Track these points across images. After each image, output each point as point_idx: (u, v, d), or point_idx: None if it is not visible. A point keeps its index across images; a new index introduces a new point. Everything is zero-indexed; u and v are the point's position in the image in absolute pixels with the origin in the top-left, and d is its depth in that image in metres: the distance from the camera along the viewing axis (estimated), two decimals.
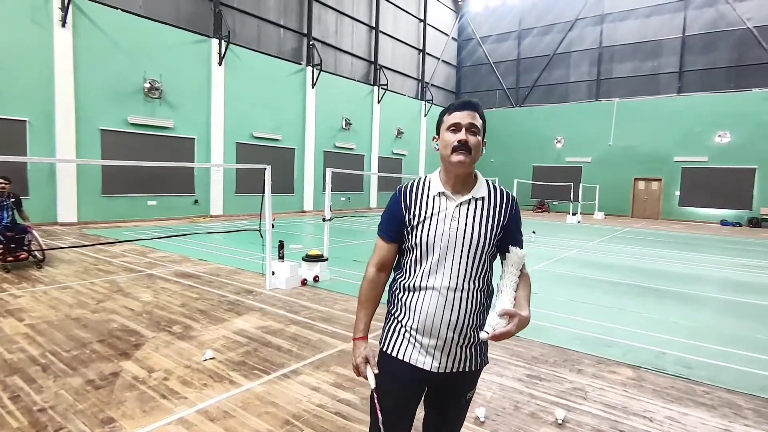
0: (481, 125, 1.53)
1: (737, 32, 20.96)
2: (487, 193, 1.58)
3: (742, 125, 20.50)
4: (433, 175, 1.61)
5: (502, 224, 1.56)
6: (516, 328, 1.41)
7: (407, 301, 1.58)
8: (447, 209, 1.53)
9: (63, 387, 3.15)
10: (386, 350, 1.63)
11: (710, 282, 7.77)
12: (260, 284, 6.37)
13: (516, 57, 27.77)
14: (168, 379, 3.33)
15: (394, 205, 1.61)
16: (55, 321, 4.56)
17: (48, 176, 11.93)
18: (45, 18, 11.63)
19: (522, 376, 3.60)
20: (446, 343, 1.53)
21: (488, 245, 1.53)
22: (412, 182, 1.62)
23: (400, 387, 1.60)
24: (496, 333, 1.40)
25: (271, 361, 3.72)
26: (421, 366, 1.55)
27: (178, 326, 4.52)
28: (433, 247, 1.51)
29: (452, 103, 1.56)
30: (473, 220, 1.53)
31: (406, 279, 1.59)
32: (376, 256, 1.66)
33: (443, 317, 1.51)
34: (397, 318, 1.61)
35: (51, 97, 11.80)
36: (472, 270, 1.53)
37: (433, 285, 1.52)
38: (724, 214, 21.18)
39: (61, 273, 6.73)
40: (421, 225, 1.53)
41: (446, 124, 1.54)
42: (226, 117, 16.02)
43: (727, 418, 3.05)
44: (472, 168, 1.56)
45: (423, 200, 1.56)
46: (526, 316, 1.44)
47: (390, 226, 1.62)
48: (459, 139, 1.49)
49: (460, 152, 1.48)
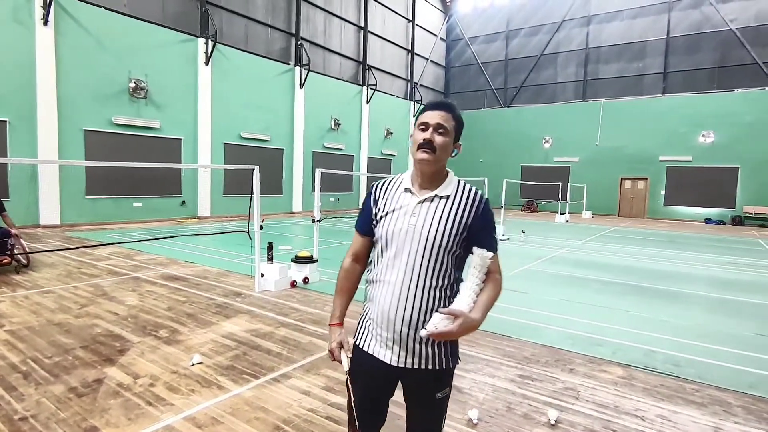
0: (453, 127, 1.54)
1: (721, 34, 21.34)
2: (453, 192, 1.57)
3: (726, 125, 20.87)
4: (407, 173, 1.65)
5: (466, 224, 1.53)
6: (459, 330, 1.37)
7: (371, 293, 1.63)
8: (409, 205, 1.56)
9: (44, 395, 3.05)
10: (357, 342, 1.68)
11: (697, 280, 7.86)
12: (249, 286, 6.29)
13: (504, 58, 27.94)
14: (154, 386, 3.25)
15: (367, 200, 1.68)
16: (37, 327, 4.43)
17: (30, 178, 11.66)
18: (26, 16, 11.38)
19: (514, 377, 3.59)
20: (401, 337, 1.53)
21: (447, 243, 1.51)
22: (385, 179, 1.68)
23: (368, 378, 1.64)
24: (434, 332, 1.37)
25: (260, 365, 3.66)
26: (381, 358, 1.58)
27: (165, 330, 4.43)
28: (392, 241, 1.55)
29: (428, 102, 1.59)
30: (432, 217, 1.53)
31: (372, 272, 1.64)
32: (352, 247, 1.74)
33: (396, 311, 1.52)
34: (366, 311, 1.66)
35: (32, 97, 11.54)
36: (427, 267, 1.52)
37: (389, 279, 1.55)
38: (708, 213, 21.54)
39: (43, 277, 6.57)
40: (384, 218, 1.58)
41: (418, 122, 1.57)
42: (214, 117, 15.84)
43: (717, 415, 3.07)
44: (441, 167, 1.57)
45: (391, 195, 1.61)
46: (473, 319, 1.41)
47: (363, 220, 1.68)
48: (424, 137, 1.51)
49: (423, 150, 1.51)
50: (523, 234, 13.15)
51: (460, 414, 2.96)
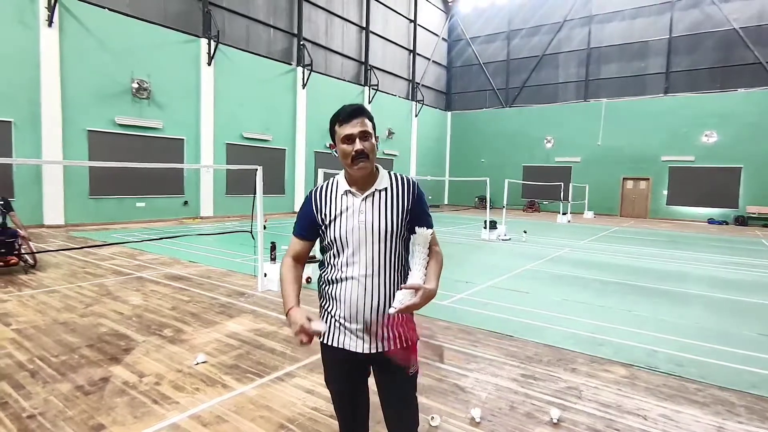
0: (371, 126, 1.64)
1: (723, 33, 21.29)
2: (389, 183, 1.69)
3: (728, 125, 20.83)
4: (340, 175, 1.73)
5: (408, 209, 1.67)
6: (421, 300, 1.53)
7: (332, 292, 1.70)
8: (354, 205, 1.65)
9: (52, 393, 3.08)
10: (323, 341, 1.74)
11: (699, 280, 7.86)
12: (252, 286, 6.32)
13: (505, 57, 27.93)
14: (159, 384, 3.28)
15: (307, 207, 1.75)
16: (43, 326, 4.47)
17: (34, 178, 11.72)
18: (31, 17, 11.44)
19: (517, 376, 3.60)
20: (371, 325, 1.64)
21: (397, 230, 1.66)
22: (321, 185, 1.76)
23: (342, 372, 1.76)
24: (401, 307, 1.51)
25: (264, 364, 3.68)
26: (353, 350, 1.67)
27: (169, 330, 4.46)
28: (347, 241, 1.64)
29: (339, 112, 1.63)
30: (379, 210, 1.65)
31: (330, 273, 1.71)
32: (291, 250, 1.80)
33: (365, 302, 1.63)
34: (327, 310, 1.73)
35: (37, 98, 11.60)
36: (385, 256, 1.65)
37: (352, 275, 1.64)
38: (711, 213, 21.50)
39: (49, 276, 6.61)
40: (333, 223, 1.66)
41: (339, 135, 1.62)
42: (216, 117, 15.89)
43: (720, 415, 3.08)
44: (373, 167, 1.67)
45: (332, 200, 1.69)
46: (431, 289, 1.56)
47: (303, 225, 1.76)
48: (356, 149, 1.59)
49: (359, 161, 1.60)
50: (525, 234, 13.15)
51: (463, 413, 2.98)
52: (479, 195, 27.34)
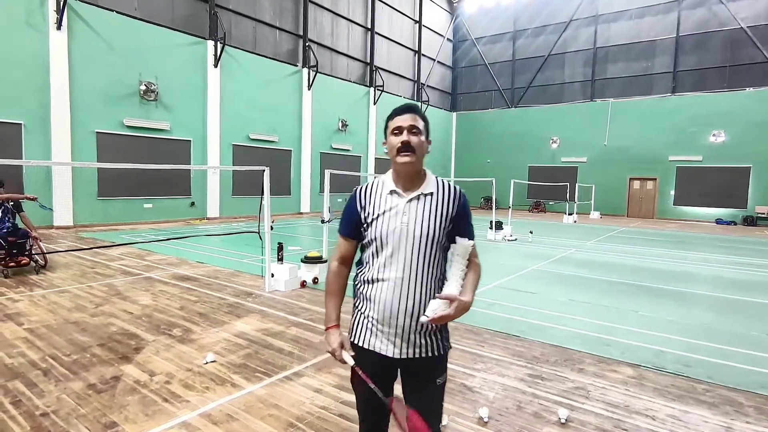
0: (423, 126, 1.64)
1: (730, 31, 21.12)
2: (435, 188, 1.68)
3: (737, 124, 20.65)
4: (386, 175, 1.73)
5: (451, 216, 1.66)
6: (456, 312, 1.51)
7: (367, 292, 1.69)
8: (398, 205, 1.64)
9: (64, 391, 3.13)
10: (353, 340, 1.75)
11: (706, 280, 7.82)
12: (259, 286, 6.36)
13: (511, 57, 27.85)
14: (170, 383, 3.32)
15: (351, 205, 1.74)
16: (55, 325, 4.53)
17: (44, 179, 11.85)
18: (40, 20, 11.58)
19: (524, 376, 3.61)
20: (404, 330, 1.63)
21: (438, 237, 1.64)
22: (367, 184, 1.75)
23: (369, 372, 1.70)
24: (435, 316, 1.50)
25: (272, 364, 3.72)
26: (384, 353, 1.66)
27: (178, 329, 4.50)
28: (387, 241, 1.62)
29: (394, 108, 1.67)
30: (422, 214, 1.63)
31: (366, 272, 1.70)
32: (338, 251, 1.80)
33: (399, 306, 1.62)
34: (361, 310, 1.73)
35: (46, 100, 11.73)
36: (423, 260, 1.63)
37: (388, 276, 1.63)
38: (719, 213, 21.32)
39: (59, 277, 6.69)
40: (375, 221, 1.65)
41: (390, 128, 1.65)
42: (222, 119, 15.98)
43: (728, 415, 3.07)
44: (419, 166, 1.66)
45: (377, 199, 1.68)
46: (466, 301, 1.54)
47: (348, 224, 1.75)
48: (402, 140, 1.60)
49: (404, 154, 1.60)
50: (531, 234, 13.12)
51: (471, 412, 2.99)
52: (485, 195, 27.28)
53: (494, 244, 11.66)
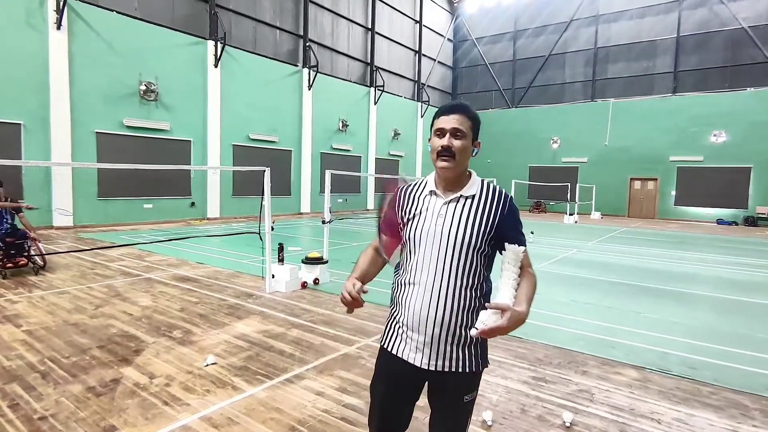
0: (470, 127, 1.54)
1: (731, 31, 21.09)
2: (478, 191, 1.58)
3: (737, 125, 20.62)
4: (430, 176, 1.66)
5: (494, 222, 1.55)
6: (509, 323, 1.34)
7: (400, 296, 1.63)
8: (435, 206, 1.57)
9: (63, 394, 3.09)
10: (383, 345, 1.69)
11: (708, 281, 7.78)
12: (260, 287, 6.32)
13: (511, 57, 27.83)
14: (170, 386, 3.28)
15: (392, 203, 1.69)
16: (54, 327, 4.50)
17: (43, 180, 11.82)
18: (40, 20, 11.55)
19: (527, 379, 3.58)
20: (434, 339, 1.54)
21: (476, 243, 1.53)
22: (410, 183, 1.70)
23: (393, 380, 1.66)
24: (485, 329, 1.35)
25: (273, 366, 3.68)
26: (411, 362, 1.58)
27: (178, 331, 4.47)
28: (420, 243, 1.56)
29: (442, 105, 1.59)
30: (460, 217, 1.54)
31: (401, 275, 1.64)
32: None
33: (429, 313, 1.53)
34: (394, 315, 1.67)
35: (46, 100, 11.70)
36: (458, 267, 1.53)
37: (420, 280, 1.55)
38: (720, 213, 21.29)
39: (58, 278, 6.66)
40: (411, 221, 1.59)
41: (434, 128, 1.57)
42: (223, 119, 15.95)
43: (734, 419, 3.04)
44: (461, 170, 1.57)
45: (416, 198, 1.62)
46: (520, 312, 1.38)
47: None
48: (442, 144, 1.52)
49: (443, 158, 1.52)
50: (532, 235, 13.08)
51: (474, 415, 2.95)
52: None
53: None
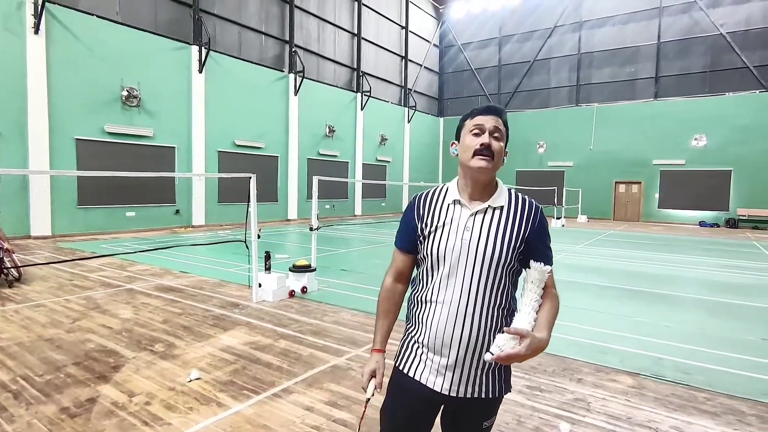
0: (505, 132, 1.46)
1: (711, 38, 21.54)
2: (507, 202, 1.46)
3: (718, 129, 21.02)
4: (452, 182, 1.53)
5: (523, 236, 1.43)
6: (528, 351, 1.25)
7: (420, 315, 1.49)
8: (460, 218, 1.44)
9: (36, 416, 2.92)
10: (399, 366, 1.56)
11: (695, 284, 7.83)
12: (246, 297, 6.16)
13: (497, 63, 28.05)
14: (150, 404, 3.12)
15: (409, 215, 1.55)
16: (27, 342, 4.29)
17: (20, 188, 11.47)
18: (17, 25, 11.24)
19: (522, 388, 3.49)
20: (458, 362, 1.42)
21: (506, 259, 1.41)
22: (429, 191, 1.56)
23: (410, 406, 1.52)
24: (502, 354, 1.26)
25: (260, 380, 3.54)
26: (431, 386, 1.45)
27: (161, 344, 4.30)
28: (444, 259, 1.42)
29: (476, 107, 1.48)
30: (488, 230, 1.41)
31: (419, 292, 1.51)
32: (393, 266, 1.61)
33: (453, 334, 1.40)
34: (411, 334, 1.54)
35: (23, 106, 11.38)
36: (486, 285, 1.41)
37: (443, 299, 1.42)
38: (702, 216, 21.63)
39: (34, 290, 6.40)
40: (432, 234, 1.46)
41: (468, 127, 1.45)
42: (208, 125, 15.72)
43: (731, 425, 2.99)
44: (493, 175, 1.46)
45: (437, 209, 1.48)
46: (540, 339, 1.28)
47: (404, 236, 1.56)
48: (482, 142, 1.40)
49: (482, 157, 1.40)
50: None
51: None
52: None
53: None
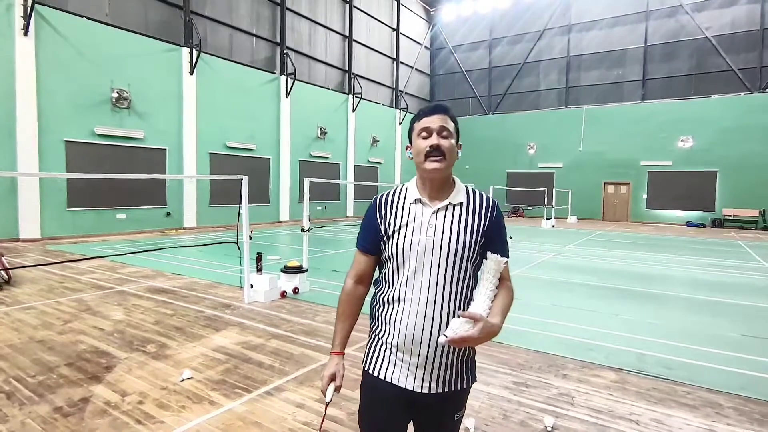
0: (454, 128, 1.49)
1: (696, 41, 21.93)
2: (465, 198, 1.51)
3: (704, 130, 21.40)
4: (411, 183, 1.55)
5: (483, 230, 1.48)
6: (480, 334, 1.29)
7: (386, 315, 1.50)
8: (423, 216, 1.47)
9: (29, 416, 2.94)
10: (368, 369, 1.55)
11: (682, 282, 7.99)
12: (238, 298, 6.20)
13: (488, 65, 28.29)
14: (143, 403, 3.16)
15: (371, 216, 1.55)
16: (19, 344, 4.30)
17: (9, 190, 11.37)
18: (6, 26, 11.16)
19: (509, 384, 3.58)
20: (428, 359, 1.44)
21: (469, 252, 1.46)
22: (389, 191, 1.57)
23: (384, 408, 1.52)
24: (455, 337, 1.29)
25: (252, 379, 3.60)
26: (403, 386, 1.46)
27: (153, 345, 4.33)
28: (409, 257, 1.45)
29: (421, 108, 1.51)
30: (450, 226, 1.46)
31: (385, 292, 1.52)
32: (354, 268, 1.61)
33: (423, 332, 1.43)
34: (378, 335, 1.54)
35: (12, 108, 11.29)
36: (451, 280, 1.45)
37: (411, 297, 1.44)
38: (689, 216, 21.98)
39: (24, 293, 6.38)
40: (396, 234, 1.47)
41: (416, 130, 1.48)
42: (199, 127, 15.69)
43: (709, 417, 3.10)
44: (449, 173, 1.50)
45: (399, 208, 1.51)
46: (493, 324, 1.34)
47: (366, 237, 1.57)
48: (431, 144, 1.43)
49: (433, 159, 1.43)
50: (511, 240, 13.24)
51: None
52: None
53: None
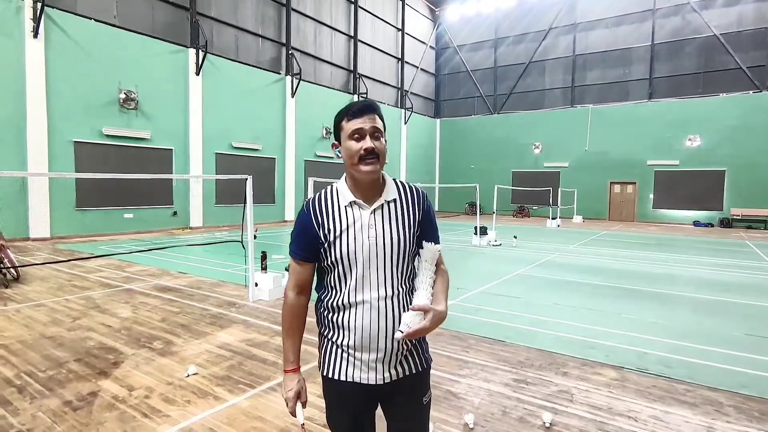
0: (383, 126, 1.47)
1: (703, 39, 21.78)
2: (397, 193, 1.52)
3: (711, 129, 21.24)
4: (340, 183, 1.52)
5: (418, 221, 1.52)
6: (431, 324, 1.37)
7: (339, 319, 1.49)
8: (362, 218, 1.46)
9: (40, 409, 3.03)
10: (327, 374, 1.54)
11: (686, 282, 7.97)
12: (243, 296, 6.27)
13: (492, 65, 28.24)
14: (149, 397, 3.24)
15: (305, 222, 1.49)
16: (30, 340, 4.40)
17: (19, 190, 11.56)
18: (16, 29, 11.35)
19: (509, 381, 3.62)
20: (386, 353, 1.47)
21: (410, 246, 1.50)
22: (319, 195, 1.52)
23: (351, 408, 1.54)
24: (410, 331, 1.35)
25: (256, 375, 3.66)
26: (365, 382, 1.49)
27: (159, 342, 4.41)
28: (356, 261, 1.44)
29: (349, 106, 1.45)
30: (390, 223, 1.47)
31: (333, 298, 1.50)
32: (293, 279, 1.55)
33: (379, 329, 1.45)
34: (331, 339, 1.53)
35: (22, 109, 11.47)
36: (399, 275, 1.48)
37: (363, 299, 1.45)
38: (697, 216, 21.83)
39: (34, 290, 6.50)
40: (338, 240, 1.44)
41: (347, 131, 1.43)
42: (205, 127, 15.83)
43: (709, 415, 3.12)
44: (381, 172, 1.50)
45: (335, 213, 1.47)
46: (441, 311, 1.40)
47: (302, 245, 1.51)
48: (365, 147, 1.40)
49: (368, 162, 1.41)
50: (516, 239, 13.24)
51: (456, 419, 2.99)
52: (469, 201, 27.49)
53: (479, 250, 11.73)
